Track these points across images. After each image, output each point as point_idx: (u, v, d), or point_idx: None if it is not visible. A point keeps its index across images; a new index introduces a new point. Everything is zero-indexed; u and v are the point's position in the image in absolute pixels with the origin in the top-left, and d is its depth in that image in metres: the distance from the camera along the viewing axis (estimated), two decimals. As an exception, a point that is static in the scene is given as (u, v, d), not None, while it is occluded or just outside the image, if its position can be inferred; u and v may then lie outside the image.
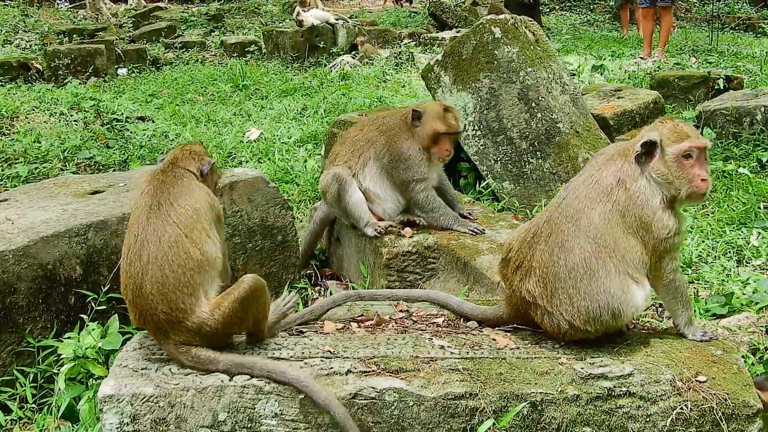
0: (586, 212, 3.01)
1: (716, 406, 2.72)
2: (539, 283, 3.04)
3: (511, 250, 3.20)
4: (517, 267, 3.15)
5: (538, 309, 3.06)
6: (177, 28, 17.38)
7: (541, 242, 3.07)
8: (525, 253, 3.13)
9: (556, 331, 3.02)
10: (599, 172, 3.11)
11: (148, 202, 3.05)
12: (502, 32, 6.18)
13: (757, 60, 12.91)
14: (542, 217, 3.17)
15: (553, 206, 3.17)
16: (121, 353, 3.02)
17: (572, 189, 3.13)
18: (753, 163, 6.81)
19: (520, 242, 3.17)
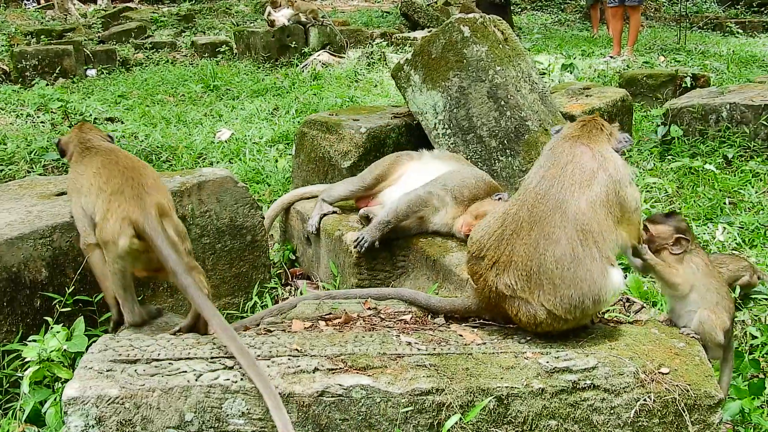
0: (573, 200, 3.01)
1: (678, 397, 2.76)
2: (521, 277, 3.02)
3: (484, 248, 3.16)
4: (493, 263, 3.12)
5: (516, 301, 3.04)
6: (147, 28, 17.25)
7: (523, 236, 3.05)
8: (503, 249, 3.10)
9: (532, 321, 3.01)
10: (576, 158, 3.12)
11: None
12: (471, 31, 6.21)
13: (724, 58, 13.11)
14: (519, 212, 3.12)
15: (530, 199, 3.11)
16: (86, 355, 2.99)
17: (551, 179, 3.10)
18: (719, 160, 6.92)
19: (497, 239, 3.13)
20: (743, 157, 6.97)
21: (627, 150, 3.99)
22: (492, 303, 3.17)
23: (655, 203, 6.21)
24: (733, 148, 7.00)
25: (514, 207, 3.17)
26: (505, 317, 3.18)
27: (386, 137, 6.14)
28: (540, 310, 2.99)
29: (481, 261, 3.18)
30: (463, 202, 4.63)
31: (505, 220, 3.16)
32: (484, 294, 3.18)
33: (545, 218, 3.03)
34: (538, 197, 3.08)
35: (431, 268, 4.48)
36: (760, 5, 20.78)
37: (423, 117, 6.12)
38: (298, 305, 3.64)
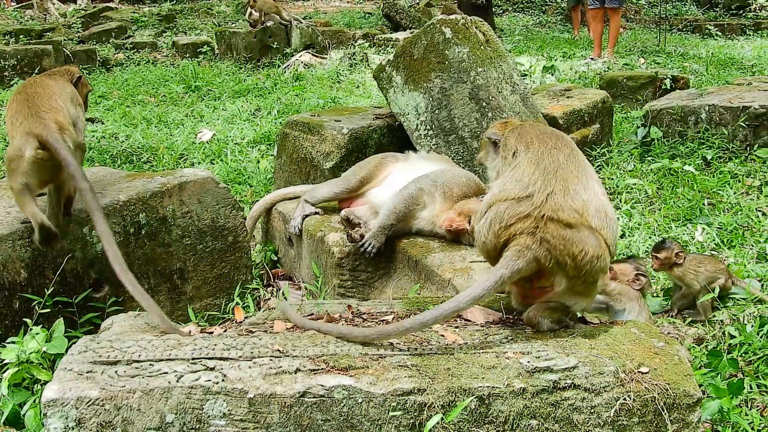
0: (589, 188, 3.13)
1: (658, 396, 2.78)
2: (582, 204, 3.05)
3: (529, 184, 3.11)
4: (547, 195, 3.06)
5: (581, 232, 3.01)
6: (128, 28, 17.14)
7: (561, 172, 3.13)
8: (553, 180, 3.10)
9: (595, 256, 3.01)
10: (567, 148, 3.25)
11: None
12: (452, 32, 6.23)
13: (703, 60, 13.23)
14: (543, 159, 3.16)
15: (545, 193, 3.08)
16: (66, 357, 2.96)
17: (561, 169, 3.14)
18: (698, 161, 6.98)
19: (542, 173, 3.13)
20: (722, 158, 7.04)
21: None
22: (552, 245, 3.01)
23: (636, 204, 6.26)
24: (712, 149, 7.07)
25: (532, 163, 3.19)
26: (560, 262, 3.04)
27: (368, 138, 6.15)
28: (601, 241, 3.03)
29: (528, 199, 3.06)
30: (452, 199, 4.64)
31: (538, 164, 3.16)
32: (537, 239, 3.02)
33: (566, 167, 3.15)
34: (563, 191, 3.09)
35: (413, 269, 4.49)
36: (739, 8, 21.00)
37: (405, 118, 6.13)
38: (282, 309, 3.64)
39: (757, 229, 5.56)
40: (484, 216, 3.20)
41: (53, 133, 3.67)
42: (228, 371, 2.81)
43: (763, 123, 6.96)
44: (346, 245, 4.71)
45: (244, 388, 2.74)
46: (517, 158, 3.27)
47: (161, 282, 4.50)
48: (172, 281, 4.54)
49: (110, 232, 3.50)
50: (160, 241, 4.45)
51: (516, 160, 3.27)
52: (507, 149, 3.38)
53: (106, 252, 3.43)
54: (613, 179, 6.85)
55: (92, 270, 4.18)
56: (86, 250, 4.14)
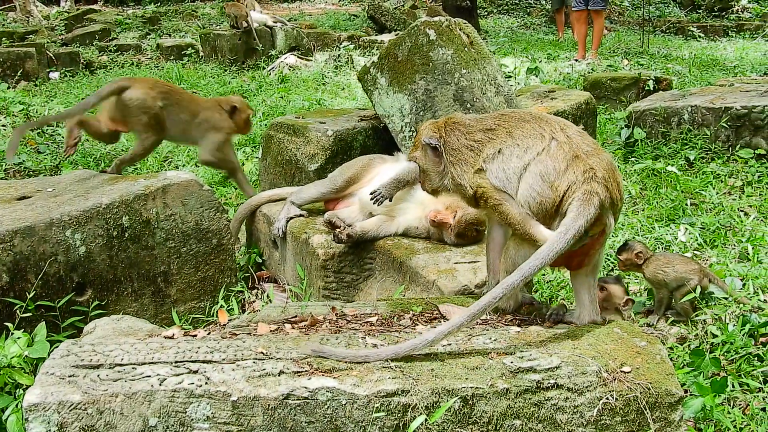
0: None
1: (640, 395, 2.80)
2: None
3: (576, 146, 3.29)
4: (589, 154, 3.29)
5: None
6: (111, 31, 17.07)
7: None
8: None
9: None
10: (521, 115, 3.49)
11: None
12: (436, 34, 6.24)
13: (686, 62, 13.34)
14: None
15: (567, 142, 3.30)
16: (47, 361, 2.95)
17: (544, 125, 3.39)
18: (681, 162, 7.03)
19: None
20: (704, 158, 7.09)
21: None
22: (606, 182, 3.20)
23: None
24: (695, 150, 7.12)
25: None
26: (613, 199, 3.22)
27: (353, 140, 6.15)
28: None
29: (578, 159, 3.22)
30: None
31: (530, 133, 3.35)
32: (597, 181, 3.17)
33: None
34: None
35: (398, 270, 4.49)
36: (721, 9, 21.17)
37: (390, 120, 6.13)
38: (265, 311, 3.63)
39: (739, 229, 5.60)
40: (523, 180, 3.25)
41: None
42: (211, 374, 2.81)
43: (744, 124, 7.02)
44: (330, 247, 4.70)
45: (228, 390, 2.73)
46: (511, 139, 3.35)
47: (145, 285, 4.48)
48: (156, 284, 4.53)
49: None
50: (143, 244, 4.43)
51: (511, 140, 3.35)
52: (484, 147, 3.39)
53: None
54: (597, 180, 6.87)
55: (75, 274, 4.16)
56: (69, 254, 4.12)
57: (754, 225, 5.62)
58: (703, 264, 4.85)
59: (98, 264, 4.25)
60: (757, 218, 5.81)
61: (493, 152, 3.35)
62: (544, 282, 4.97)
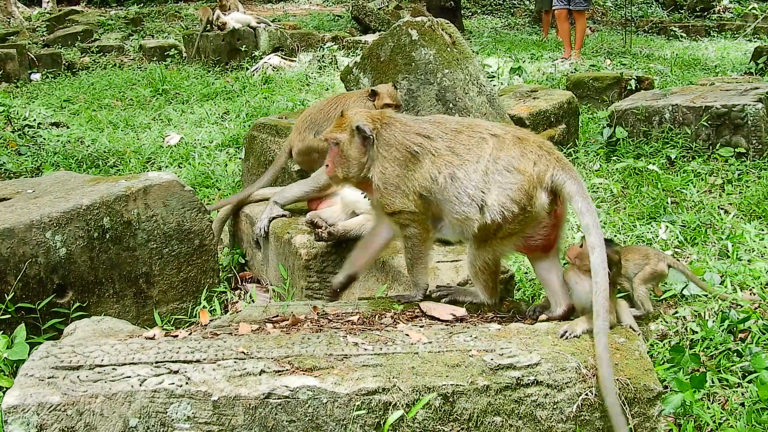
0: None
1: (619, 390, 2.82)
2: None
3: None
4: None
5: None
6: (94, 32, 16.97)
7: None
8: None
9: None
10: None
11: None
12: (419, 34, 6.26)
13: (668, 61, 13.43)
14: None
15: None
16: (27, 362, 2.94)
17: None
18: (662, 160, 7.08)
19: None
20: (685, 157, 7.14)
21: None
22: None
23: (601, 203, 6.33)
24: (676, 148, 7.18)
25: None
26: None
27: (336, 140, 6.13)
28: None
29: (524, 141, 3.40)
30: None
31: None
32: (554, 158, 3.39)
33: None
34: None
35: (381, 270, 4.49)
36: (703, 10, 21.32)
37: (372, 120, 6.12)
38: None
39: (719, 227, 5.65)
40: (492, 184, 3.31)
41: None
42: (192, 374, 2.81)
43: (725, 122, 7.08)
44: (313, 247, 4.70)
45: (209, 390, 2.73)
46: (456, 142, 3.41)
47: (126, 287, 4.46)
48: (137, 285, 4.51)
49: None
50: (125, 246, 4.41)
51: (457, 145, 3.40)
52: (424, 161, 3.40)
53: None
54: (579, 179, 6.91)
55: (55, 275, 4.14)
56: (49, 256, 4.09)
57: (733, 223, 5.67)
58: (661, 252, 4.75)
59: (79, 265, 4.23)
60: (736, 216, 5.86)
61: (444, 178, 3.35)
62: (527, 280, 5.00)
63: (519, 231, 3.33)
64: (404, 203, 3.41)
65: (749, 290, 4.60)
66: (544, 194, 3.29)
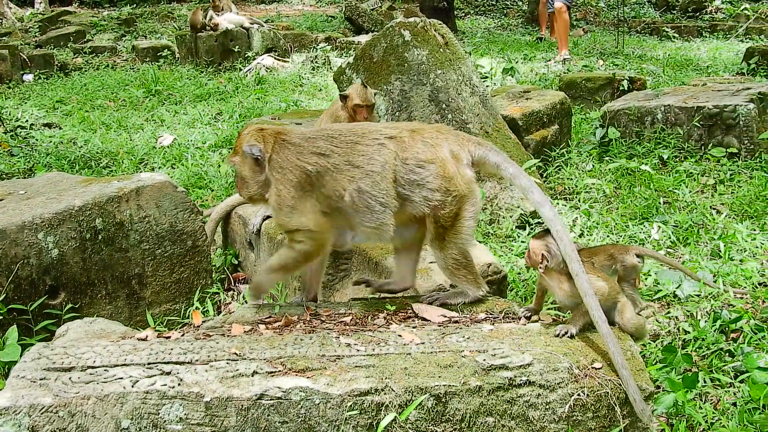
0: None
1: (611, 391, 2.83)
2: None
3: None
4: None
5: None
6: (86, 32, 16.94)
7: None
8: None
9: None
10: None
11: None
12: (411, 35, 6.26)
13: (660, 62, 13.46)
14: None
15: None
16: (18, 364, 2.93)
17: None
18: (654, 161, 7.10)
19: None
20: (678, 157, 7.17)
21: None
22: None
23: (594, 203, 6.35)
24: (668, 149, 7.20)
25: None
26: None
27: (329, 141, 6.13)
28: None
29: (421, 130, 3.52)
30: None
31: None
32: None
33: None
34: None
35: (373, 271, 4.49)
36: (695, 10, 21.38)
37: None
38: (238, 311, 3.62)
39: (712, 227, 5.67)
40: (411, 185, 3.38)
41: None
42: (184, 375, 2.80)
43: (717, 123, 7.11)
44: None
45: (201, 391, 2.73)
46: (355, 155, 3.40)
47: (119, 288, 4.45)
48: (130, 287, 4.50)
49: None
50: (117, 247, 4.41)
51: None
52: (324, 180, 3.38)
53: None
54: (572, 179, 6.94)
55: (48, 277, 4.13)
56: (41, 257, 4.08)
57: (725, 223, 5.69)
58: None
59: (71, 267, 4.22)
60: (728, 216, 5.88)
61: (350, 194, 3.33)
62: (520, 281, 5.00)
63: (461, 215, 3.39)
64: (301, 222, 3.36)
65: (736, 286, 4.63)
66: (468, 170, 3.41)
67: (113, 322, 3.54)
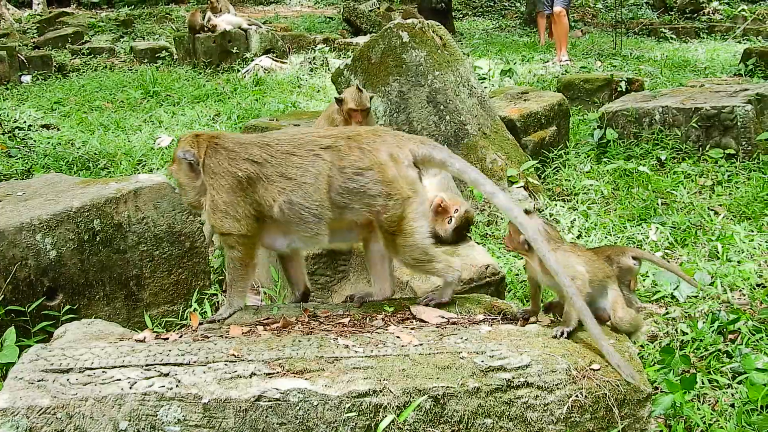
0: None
1: (609, 392, 2.83)
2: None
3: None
4: None
5: None
6: (84, 33, 16.95)
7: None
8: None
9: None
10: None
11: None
12: (409, 36, 6.27)
13: (658, 63, 13.48)
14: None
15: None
16: (16, 365, 2.92)
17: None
18: (652, 162, 7.11)
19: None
20: (675, 158, 7.17)
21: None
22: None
23: (592, 205, 6.35)
24: (666, 150, 7.21)
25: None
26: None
27: (327, 142, 6.14)
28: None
29: (358, 134, 3.52)
30: (444, 187, 4.74)
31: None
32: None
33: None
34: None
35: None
36: (693, 11, 21.41)
37: (363, 122, 6.13)
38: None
39: (709, 228, 5.67)
40: (348, 194, 3.36)
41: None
42: (182, 377, 2.80)
43: (714, 124, 7.12)
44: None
45: (199, 393, 2.73)
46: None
47: (117, 289, 4.44)
48: (128, 288, 4.49)
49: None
50: (115, 248, 4.40)
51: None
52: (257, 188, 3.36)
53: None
54: (570, 181, 6.94)
55: (46, 278, 4.12)
56: (39, 258, 4.08)
57: (723, 224, 5.70)
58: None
59: (69, 268, 4.21)
60: (726, 217, 5.89)
61: (280, 206, 3.31)
62: (518, 282, 5.01)
63: (408, 215, 3.35)
64: (233, 226, 3.34)
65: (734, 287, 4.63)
66: (410, 170, 3.36)
67: (111, 324, 3.54)
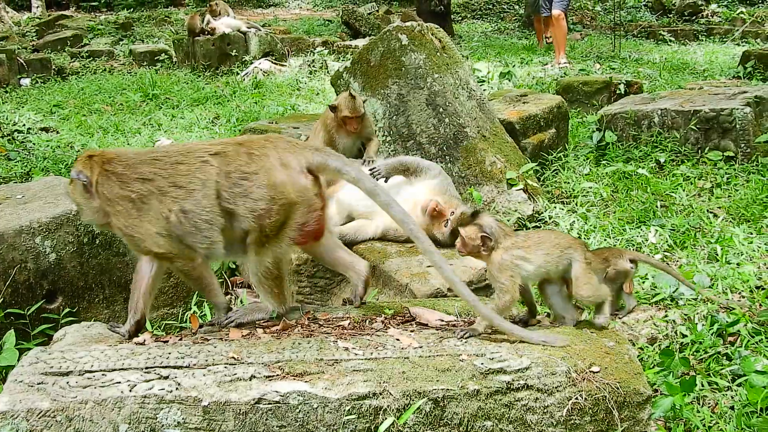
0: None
1: (608, 394, 2.83)
2: None
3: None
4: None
5: None
6: (83, 36, 16.94)
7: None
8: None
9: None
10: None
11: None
12: (408, 39, 6.27)
13: (657, 66, 13.49)
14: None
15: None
16: (16, 368, 2.92)
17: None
18: (651, 164, 7.11)
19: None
20: (674, 161, 7.17)
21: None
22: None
23: (591, 207, 6.36)
24: (665, 152, 7.21)
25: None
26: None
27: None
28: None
29: (252, 139, 3.57)
30: (439, 190, 4.73)
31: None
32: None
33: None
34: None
35: (371, 274, 4.49)
36: (691, 14, 21.43)
37: (362, 124, 6.13)
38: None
39: (709, 230, 5.68)
40: (240, 200, 3.32)
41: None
42: (182, 379, 2.80)
43: (713, 126, 7.12)
44: (303, 252, 4.70)
45: (199, 396, 2.73)
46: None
47: (117, 292, 4.45)
48: (128, 291, 4.45)
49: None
50: (115, 251, 4.40)
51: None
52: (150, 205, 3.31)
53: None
54: (569, 183, 6.94)
55: (45, 281, 4.12)
56: (39, 261, 4.08)
57: (722, 226, 5.70)
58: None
59: (69, 271, 4.22)
60: (725, 219, 5.89)
61: (175, 215, 3.28)
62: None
63: (288, 223, 3.33)
64: (151, 245, 3.32)
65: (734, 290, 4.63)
66: (302, 177, 3.34)
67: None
